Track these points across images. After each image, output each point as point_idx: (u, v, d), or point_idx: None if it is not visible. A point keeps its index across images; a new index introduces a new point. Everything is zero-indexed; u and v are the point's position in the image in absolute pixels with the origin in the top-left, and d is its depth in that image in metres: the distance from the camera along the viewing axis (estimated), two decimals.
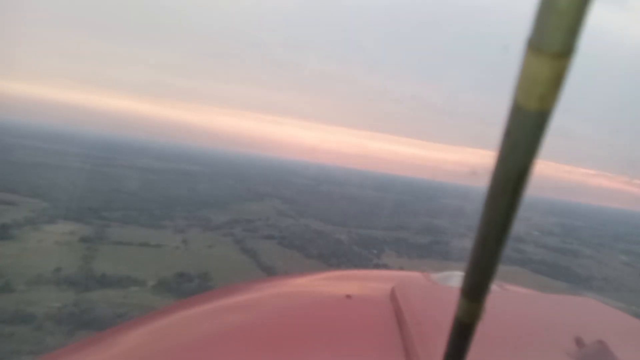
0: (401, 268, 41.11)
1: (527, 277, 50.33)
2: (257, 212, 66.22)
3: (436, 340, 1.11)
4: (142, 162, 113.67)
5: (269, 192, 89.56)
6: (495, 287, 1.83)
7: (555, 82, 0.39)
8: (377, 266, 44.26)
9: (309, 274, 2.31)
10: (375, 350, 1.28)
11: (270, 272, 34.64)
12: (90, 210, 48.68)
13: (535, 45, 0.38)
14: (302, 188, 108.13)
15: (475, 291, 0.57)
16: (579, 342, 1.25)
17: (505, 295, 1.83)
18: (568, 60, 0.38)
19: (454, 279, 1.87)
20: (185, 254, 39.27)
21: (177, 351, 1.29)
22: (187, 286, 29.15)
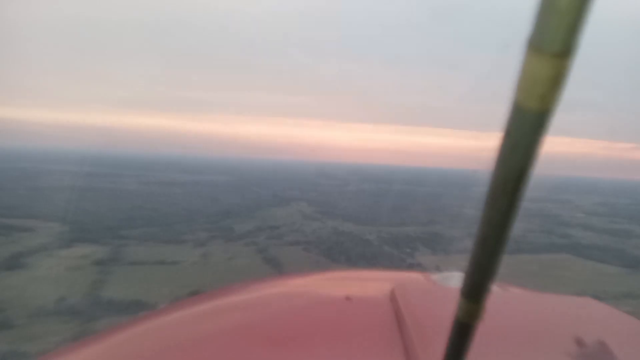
0: (437, 267, 37.77)
1: (578, 265, 45.83)
2: (282, 218, 63.96)
3: (436, 341, 1.10)
4: (167, 177, 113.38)
5: (295, 196, 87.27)
6: (495, 287, 1.77)
7: (556, 82, 0.39)
8: (411, 266, 41.01)
9: (308, 274, 2.19)
10: (375, 351, 1.25)
11: None
12: (108, 230, 47.24)
13: (536, 45, 0.38)
14: (329, 189, 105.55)
15: (475, 292, 0.56)
16: (579, 342, 1.24)
17: (505, 295, 1.79)
18: (568, 60, 0.38)
19: (454, 279, 1.83)
20: (202, 270, 36.98)
21: (176, 351, 1.29)
22: None
